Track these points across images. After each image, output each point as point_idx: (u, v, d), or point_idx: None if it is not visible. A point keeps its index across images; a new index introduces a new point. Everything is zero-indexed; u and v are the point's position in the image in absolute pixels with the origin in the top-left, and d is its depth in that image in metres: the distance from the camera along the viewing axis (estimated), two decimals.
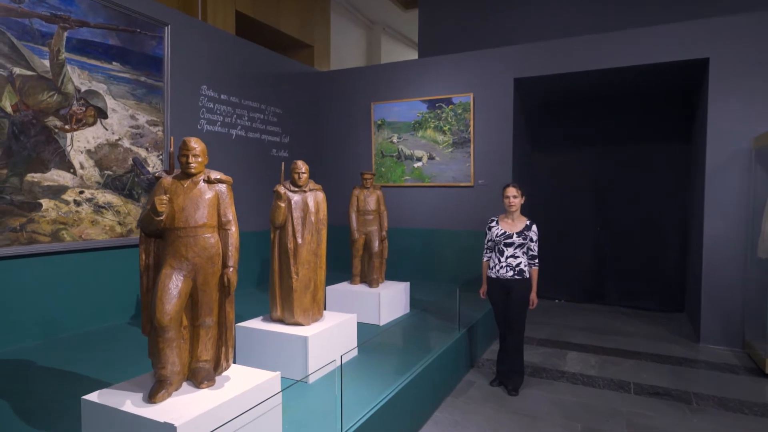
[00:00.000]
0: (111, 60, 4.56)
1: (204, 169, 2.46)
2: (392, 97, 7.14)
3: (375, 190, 5.14)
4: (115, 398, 2.24)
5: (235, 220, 2.47)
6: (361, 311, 4.74)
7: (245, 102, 6.29)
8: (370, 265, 4.97)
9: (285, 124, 7.03)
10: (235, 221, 2.47)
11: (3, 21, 3.76)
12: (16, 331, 3.89)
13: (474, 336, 4.68)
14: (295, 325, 3.48)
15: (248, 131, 6.36)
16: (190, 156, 2.38)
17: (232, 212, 2.46)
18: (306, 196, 3.52)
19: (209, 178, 2.43)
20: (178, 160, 2.41)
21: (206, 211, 2.37)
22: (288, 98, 7.08)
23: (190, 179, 2.41)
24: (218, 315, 2.45)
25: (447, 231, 6.79)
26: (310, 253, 3.48)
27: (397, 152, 7.10)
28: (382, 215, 5.11)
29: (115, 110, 4.61)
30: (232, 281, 2.37)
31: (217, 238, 2.41)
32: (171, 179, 2.44)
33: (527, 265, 3.95)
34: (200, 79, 5.61)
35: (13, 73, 3.84)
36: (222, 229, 2.44)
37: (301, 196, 3.51)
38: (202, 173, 2.45)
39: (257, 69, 6.50)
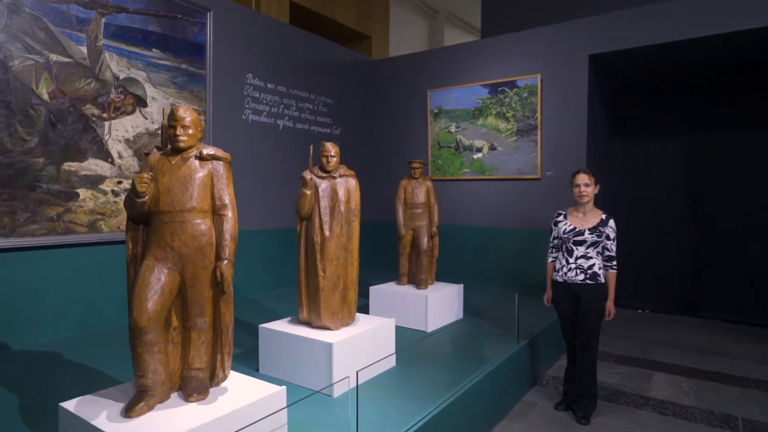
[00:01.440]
0: (151, 47, 4.43)
1: (197, 143, 2.11)
2: (450, 83, 6.58)
3: (424, 181, 4.62)
4: (93, 408, 1.94)
5: (233, 205, 2.09)
6: (407, 315, 4.25)
7: (293, 91, 6.02)
8: (418, 264, 4.46)
9: (336, 114, 6.70)
10: (233, 206, 2.09)
11: (40, 7, 3.70)
12: (52, 323, 3.82)
13: (537, 349, 4.03)
14: (321, 329, 3.07)
15: (296, 122, 6.09)
16: (178, 127, 2.03)
17: (229, 195, 2.08)
18: (335, 182, 3.10)
19: (201, 154, 2.07)
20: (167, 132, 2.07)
21: (196, 193, 2.00)
22: (340, 87, 6.75)
23: (179, 155, 2.06)
24: (213, 316, 2.08)
25: (509, 229, 6.11)
26: (339, 247, 3.05)
27: (455, 143, 6.53)
28: (433, 209, 4.58)
29: (155, 98, 4.47)
30: (226, 276, 1.99)
31: (209, 224, 2.04)
32: (159, 155, 2.11)
33: (602, 267, 3.27)
34: (245, 67, 5.40)
35: (49, 60, 3.77)
36: (216, 215, 2.07)
37: (329, 183, 3.10)
38: (194, 148, 2.09)
39: (307, 57, 6.22)
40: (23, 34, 3.62)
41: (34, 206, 3.71)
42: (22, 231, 3.65)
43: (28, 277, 3.70)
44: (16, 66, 3.59)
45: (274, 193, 5.73)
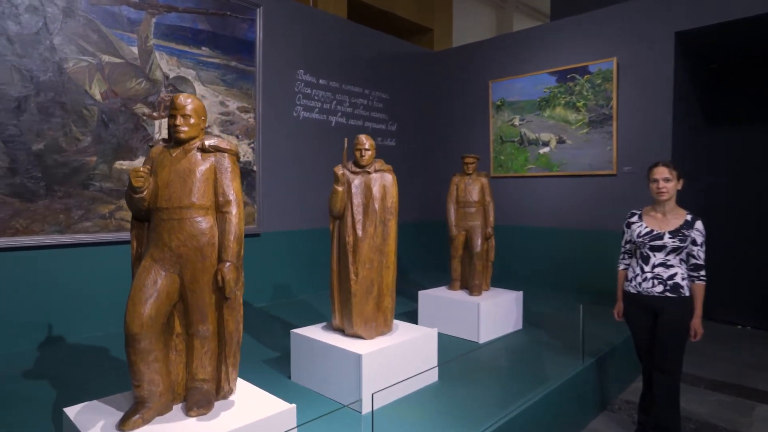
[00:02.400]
0: (200, 45, 4.43)
1: (200, 134, 1.93)
2: (514, 72, 6.08)
3: (479, 178, 4.23)
4: (92, 416, 1.82)
5: (239, 201, 1.89)
6: (458, 323, 3.90)
7: (347, 87, 5.85)
8: (471, 268, 4.08)
9: (391, 110, 6.45)
10: (238, 202, 1.89)
11: (92, 10, 3.79)
12: (103, 318, 3.90)
13: (606, 368, 3.52)
14: (354, 337, 2.82)
15: (350, 118, 5.91)
16: (178, 116, 1.86)
17: (233, 191, 1.88)
18: (370, 178, 2.83)
19: (204, 146, 1.88)
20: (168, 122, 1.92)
21: (196, 188, 1.83)
22: (396, 82, 6.49)
23: (180, 147, 1.90)
24: (218, 324, 1.89)
25: (578, 231, 5.52)
26: (373, 249, 2.78)
27: (519, 137, 6.04)
28: (488, 208, 4.18)
29: (204, 97, 4.47)
30: (228, 280, 1.79)
31: (211, 223, 1.86)
32: (161, 148, 1.96)
33: (686, 278, 2.73)
34: (296, 63, 5.30)
35: (102, 61, 3.86)
36: (219, 212, 1.88)
37: (363, 179, 2.84)
38: (197, 140, 1.92)
39: (361, 51, 6.03)
40: (77, 36, 3.72)
41: (87, 204, 3.81)
42: (77, 228, 3.76)
43: (82, 273, 3.80)
44: (71, 67, 3.70)
45: (326, 192, 5.58)
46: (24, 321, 3.50)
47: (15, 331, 3.46)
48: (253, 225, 4.88)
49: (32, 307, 3.55)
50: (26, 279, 3.53)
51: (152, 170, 1.87)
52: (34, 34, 3.53)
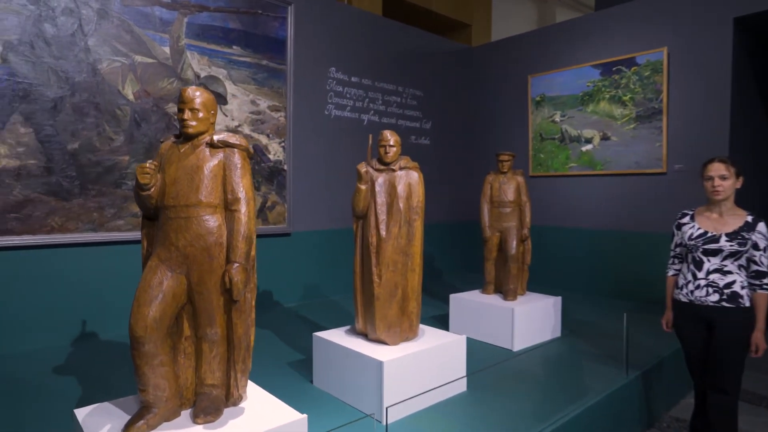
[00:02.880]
0: (231, 44, 4.43)
1: (210, 129, 1.85)
2: (555, 66, 5.79)
3: (514, 176, 4.01)
4: (100, 418, 1.78)
5: (249, 200, 1.80)
6: (491, 329, 3.70)
7: (379, 84, 5.74)
8: (506, 271, 3.87)
9: (426, 107, 6.29)
10: (248, 200, 1.79)
11: (126, 11, 3.84)
12: None
13: (653, 383, 3.23)
14: (377, 342, 2.69)
15: (382, 116, 5.79)
16: (186, 110, 1.79)
17: (244, 188, 1.79)
18: (394, 176, 2.70)
19: (212, 141, 1.80)
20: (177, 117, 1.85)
21: (204, 185, 1.75)
22: (430, 79, 6.33)
23: (189, 143, 1.83)
24: (227, 328, 1.80)
25: (623, 233, 5.17)
26: (397, 251, 2.64)
27: (560, 133, 5.74)
28: (524, 208, 3.96)
29: (235, 95, 4.47)
30: (235, 282, 1.70)
31: (219, 222, 1.77)
32: (171, 143, 1.89)
33: (746, 286, 2.44)
34: (328, 61, 5.23)
35: (134, 62, 3.90)
36: (228, 211, 1.79)
37: (387, 177, 2.70)
38: (206, 135, 1.84)
39: (395, 48, 5.90)
40: (111, 37, 3.78)
41: (119, 202, 3.86)
42: (109, 226, 3.82)
43: (114, 270, 3.85)
44: (105, 68, 3.76)
45: None
46: (58, 317, 3.58)
47: (48, 327, 3.53)
48: (284, 224, 4.84)
49: (66, 304, 3.62)
50: (61, 276, 3.61)
51: (160, 166, 1.81)
52: (69, 35, 3.60)
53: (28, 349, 3.43)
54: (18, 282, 3.42)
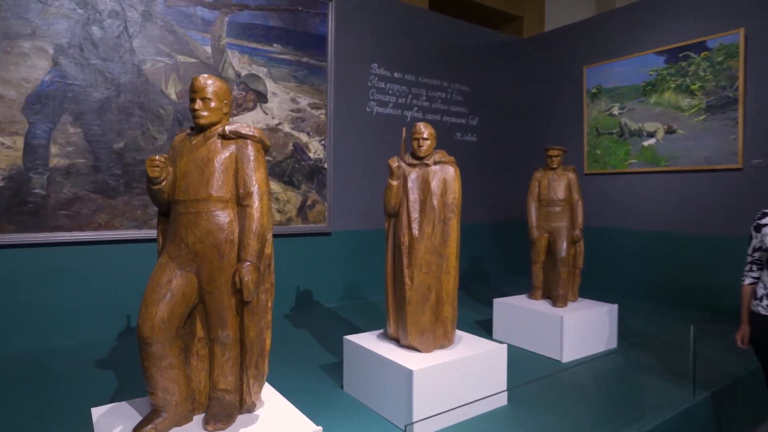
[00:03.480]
0: (271, 42, 4.41)
1: (224, 119, 1.76)
2: (613, 55, 5.38)
3: (565, 173, 3.72)
4: (113, 419, 1.74)
5: (263, 194, 1.69)
6: (538, 338, 3.44)
7: (423, 80, 5.56)
8: (555, 275, 3.58)
9: (472, 103, 6.04)
10: (262, 194, 1.69)
11: (168, 12, 3.89)
12: None
13: (725, 406, 2.85)
14: (409, 349, 2.53)
15: (426, 112, 5.61)
16: (197, 100, 1.71)
17: (257, 182, 1.68)
18: (428, 171, 2.52)
19: (224, 132, 1.71)
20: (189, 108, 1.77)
21: (214, 179, 1.66)
22: (477, 73, 6.07)
23: (201, 135, 1.74)
24: (239, 330, 1.71)
25: (690, 235, 4.69)
26: (431, 251, 2.47)
27: (618, 127, 5.32)
28: (576, 207, 3.65)
29: (276, 93, 4.45)
30: (246, 282, 1.59)
31: (231, 217, 1.68)
32: (184, 135, 1.82)
33: None
34: (370, 57, 5.12)
35: (177, 62, 3.96)
36: (240, 206, 1.69)
37: (420, 172, 2.53)
38: (218, 126, 1.75)
39: (440, 42, 5.70)
40: (154, 38, 3.84)
41: None
42: (152, 224, 3.88)
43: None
44: (148, 69, 3.83)
45: None
46: (103, 312, 3.68)
47: (94, 321, 3.63)
48: (324, 223, 4.77)
49: (111, 299, 3.71)
50: (107, 271, 3.70)
51: (172, 159, 1.74)
52: (115, 37, 3.70)
53: (73, 342, 3.53)
54: (66, 276, 3.54)
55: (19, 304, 3.39)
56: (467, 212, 5.98)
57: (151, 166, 1.65)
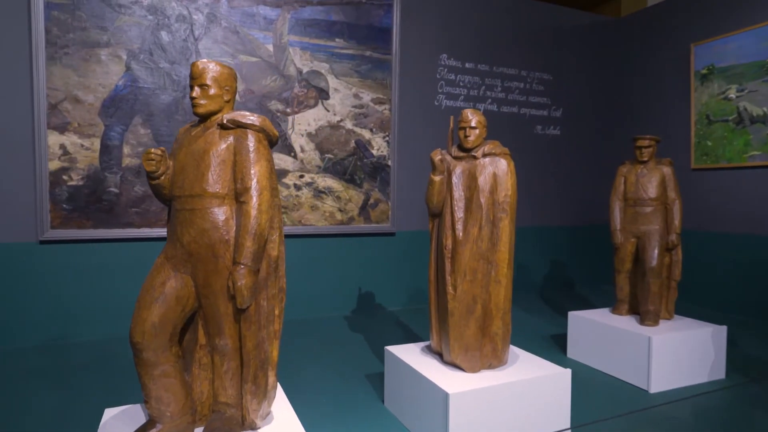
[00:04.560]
0: (334, 37, 4.30)
1: (227, 108, 1.61)
2: (728, 29, 4.55)
3: (658, 166, 3.14)
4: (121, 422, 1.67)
5: (262, 189, 1.51)
6: (620, 362, 2.93)
7: (498, 69, 5.14)
8: (644, 287, 3.04)
9: (556, 93, 5.48)
10: (261, 190, 1.51)
11: (231, 13, 3.94)
12: None
13: None
14: (452, 366, 2.23)
15: (502, 105, 5.18)
16: (195, 87, 1.57)
17: (257, 175, 1.51)
18: (476, 165, 2.20)
19: (223, 122, 1.55)
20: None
21: (210, 172, 1.51)
22: (562, 59, 5.50)
23: (202, 125, 1.61)
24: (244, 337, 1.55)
25: None
26: (477, 257, 2.15)
27: (736, 113, 4.49)
28: (672, 207, 3.07)
29: (338, 90, 4.34)
30: (239, 288, 1.43)
31: (227, 215, 1.52)
32: (188, 126, 1.70)
33: None
34: (438, 47, 4.83)
35: (240, 61, 3.99)
36: (238, 203, 1.53)
37: (467, 166, 2.22)
38: (219, 115, 1.60)
39: (517, 27, 5.24)
40: (218, 40, 3.91)
41: None
42: None
43: None
44: None
45: None
46: None
47: None
48: (387, 223, 4.58)
49: None
50: None
51: (174, 152, 1.63)
52: (182, 41, 3.81)
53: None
54: (136, 270, 3.70)
55: (99, 294, 3.60)
56: (548, 213, 5.46)
57: (146, 159, 1.56)
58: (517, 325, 4.02)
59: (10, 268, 3.41)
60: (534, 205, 5.37)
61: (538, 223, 5.38)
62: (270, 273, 1.57)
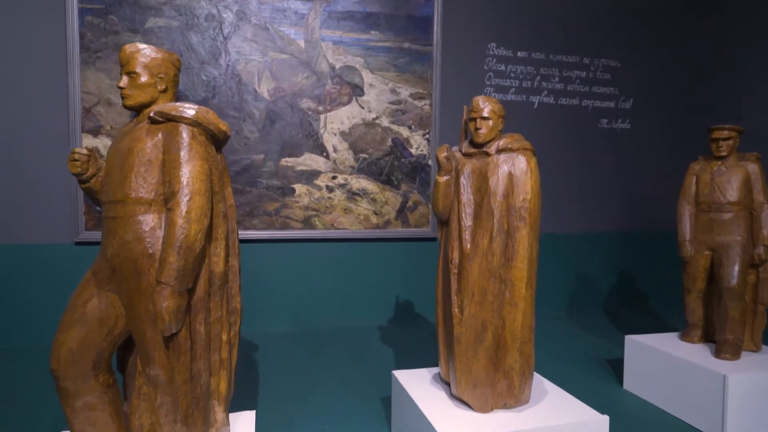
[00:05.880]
0: (369, 29, 4.05)
1: (162, 99, 1.40)
2: None
3: (741, 163, 2.55)
4: None
5: (193, 194, 1.28)
6: (688, 401, 2.41)
7: (556, 57, 4.61)
8: (721, 310, 2.47)
9: (625, 81, 4.83)
10: (192, 195, 1.28)
11: (261, 9, 3.81)
12: (268, 315, 3.91)
13: None
14: (460, 402, 1.88)
15: (559, 96, 4.65)
16: (123, 76, 1.37)
17: (186, 177, 1.28)
18: (488, 163, 1.83)
19: (152, 116, 1.34)
20: None
21: (132, 175, 1.30)
22: (633, 43, 4.84)
23: (134, 120, 1.41)
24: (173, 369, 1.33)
25: None
26: (487, 273, 1.78)
27: None
28: (760, 213, 2.47)
29: (373, 85, 4.08)
30: (160, 311, 1.21)
31: (155, 224, 1.31)
32: (128, 122, 1.51)
33: None
34: (486, 36, 4.41)
35: (270, 59, 3.86)
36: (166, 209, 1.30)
37: (478, 164, 1.86)
38: (152, 107, 1.39)
39: (579, 9, 4.67)
40: (248, 37, 3.80)
41: (254, 201, 3.87)
42: (245, 224, 3.86)
43: (248, 269, 3.88)
44: (242, 68, 3.80)
45: None
46: None
47: None
48: (427, 227, 4.25)
49: None
50: None
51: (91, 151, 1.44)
52: (211, 40, 3.74)
53: None
54: None
55: None
56: (613, 217, 4.82)
57: (70, 160, 1.38)
58: (567, 343, 3.54)
59: (47, 269, 3.52)
60: (597, 209, 4.77)
61: (599, 228, 4.78)
62: (213, 292, 1.34)
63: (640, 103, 4.89)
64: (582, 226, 4.68)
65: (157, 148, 1.33)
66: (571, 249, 4.67)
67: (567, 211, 4.66)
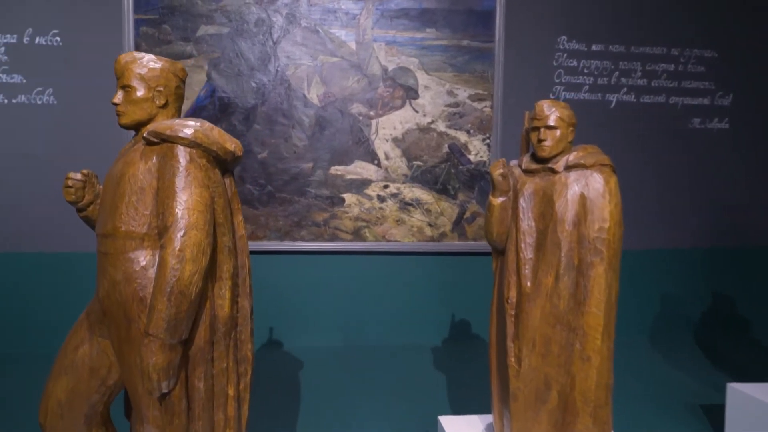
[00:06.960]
0: (424, 27, 3.77)
1: (160, 115, 1.20)
2: None
3: None
4: None
5: (189, 227, 1.08)
6: None
7: (639, 49, 4.08)
8: None
9: (723, 75, 4.19)
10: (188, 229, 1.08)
11: (311, 11, 3.65)
12: (315, 330, 3.76)
13: None
14: None
15: (641, 94, 4.11)
16: (118, 91, 1.19)
17: (181, 208, 1.07)
18: (554, 182, 1.50)
19: (146, 137, 1.14)
20: None
21: (123, 204, 1.11)
22: (734, 30, 4.19)
23: (132, 140, 1.22)
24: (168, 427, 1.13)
25: None
26: (552, 320, 1.45)
27: None
28: None
29: (428, 87, 3.79)
30: (146, 368, 1.02)
31: (148, 263, 1.12)
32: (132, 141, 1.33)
33: None
34: (556, 28, 3.98)
35: (320, 63, 3.69)
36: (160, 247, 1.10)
37: (542, 183, 1.53)
38: (150, 124, 1.20)
39: None
40: (297, 41, 3.66)
41: (303, 211, 3.72)
42: (293, 235, 3.72)
43: (296, 281, 3.74)
44: (292, 74, 3.66)
45: None
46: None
47: None
48: (484, 242, 3.89)
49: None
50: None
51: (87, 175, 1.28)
52: (260, 45, 3.63)
53: None
54: None
55: None
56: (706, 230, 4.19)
57: (65, 186, 1.23)
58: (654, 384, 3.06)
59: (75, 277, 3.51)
60: (685, 221, 4.17)
61: (687, 245, 4.17)
62: (217, 340, 1.14)
63: (742, 100, 4.22)
64: (667, 242, 4.11)
65: (150, 173, 1.14)
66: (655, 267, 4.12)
67: (646, 225, 4.11)
